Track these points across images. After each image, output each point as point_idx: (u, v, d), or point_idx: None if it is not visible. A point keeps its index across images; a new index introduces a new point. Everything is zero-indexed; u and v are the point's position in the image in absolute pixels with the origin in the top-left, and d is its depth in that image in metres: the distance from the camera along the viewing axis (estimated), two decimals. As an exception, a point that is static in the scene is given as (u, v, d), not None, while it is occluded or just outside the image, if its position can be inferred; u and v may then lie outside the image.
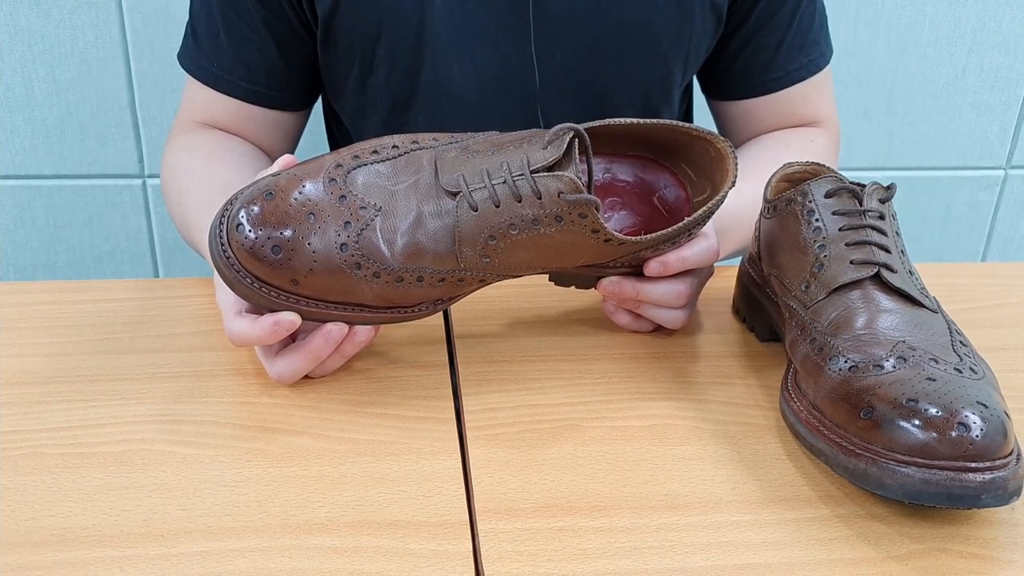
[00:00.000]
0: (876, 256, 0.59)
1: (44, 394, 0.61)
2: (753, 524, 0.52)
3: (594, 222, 0.58)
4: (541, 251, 0.59)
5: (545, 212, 0.57)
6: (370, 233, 0.57)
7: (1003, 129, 1.45)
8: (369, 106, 0.88)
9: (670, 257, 0.64)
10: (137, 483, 0.53)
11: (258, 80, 0.86)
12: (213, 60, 0.86)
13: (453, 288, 0.60)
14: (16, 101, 1.29)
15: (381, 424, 0.59)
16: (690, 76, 0.92)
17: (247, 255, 0.56)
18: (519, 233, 0.58)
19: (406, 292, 0.59)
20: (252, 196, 0.57)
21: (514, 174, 0.57)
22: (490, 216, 0.57)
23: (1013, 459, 0.50)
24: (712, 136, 0.64)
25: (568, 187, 0.56)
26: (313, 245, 0.56)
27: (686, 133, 0.64)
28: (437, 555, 0.49)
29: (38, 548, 0.48)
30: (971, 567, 0.49)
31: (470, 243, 0.58)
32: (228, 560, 0.48)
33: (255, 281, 0.57)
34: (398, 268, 0.58)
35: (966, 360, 0.54)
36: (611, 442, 0.58)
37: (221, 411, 0.60)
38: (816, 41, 0.91)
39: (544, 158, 0.57)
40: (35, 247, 1.38)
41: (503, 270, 0.60)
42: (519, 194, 0.57)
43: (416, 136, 0.61)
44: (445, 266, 0.58)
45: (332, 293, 0.58)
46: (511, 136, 0.60)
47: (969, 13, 1.36)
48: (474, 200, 0.57)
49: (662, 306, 0.67)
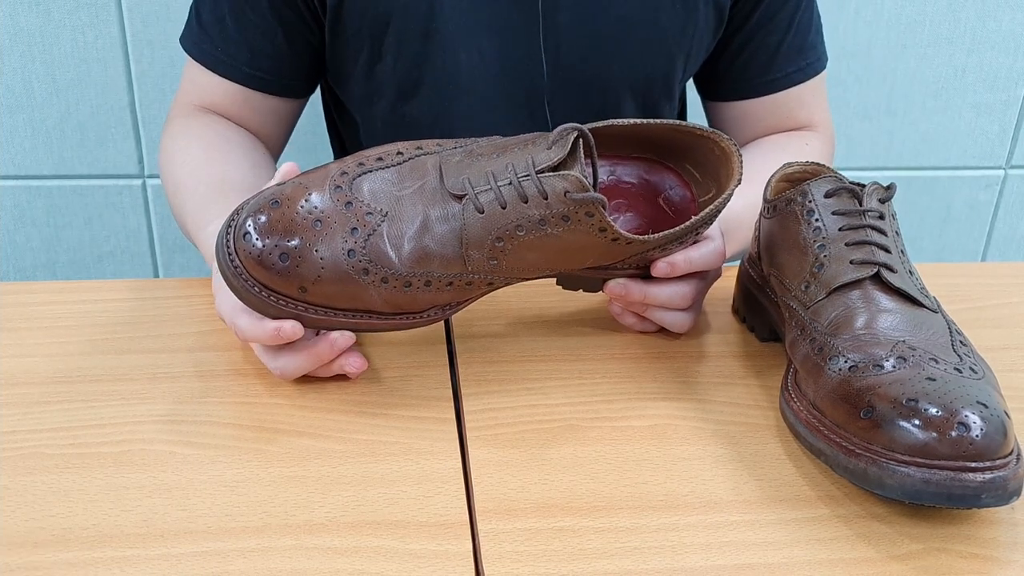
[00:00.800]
0: (876, 256, 0.59)
1: (44, 394, 0.61)
2: (753, 524, 0.52)
3: (601, 220, 0.58)
4: (548, 252, 0.59)
5: (552, 212, 0.57)
6: (377, 239, 0.57)
7: (1003, 129, 1.45)
8: (376, 93, 0.88)
9: (677, 258, 0.64)
10: (137, 483, 0.53)
11: (261, 65, 0.86)
12: (217, 44, 0.86)
13: (461, 292, 0.60)
14: (16, 101, 1.29)
15: (381, 424, 0.59)
16: (691, 73, 0.92)
17: (255, 264, 0.56)
18: (526, 234, 0.57)
19: (414, 297, 0.59)
20: (258, 205, 0.57)
21: (520, 175, 0.57)
22: (497, 218, 0.57)
23: (1013, 459, 0.50)
24: (716, 135, 0.64)
25: (574, 186, 0.56)
26: (320, 252, 0.56)
27: (689, 132, 0.64)
28: (437, 555, 0.49)
29: (38, 548, 0.48)
30: (971, 567, 0.49)
31: (477, 246, 0.57)
32: (228, 560, 0.48)
33: (263, 290, 0.57)
34: (406, 272, 0.57)
35: (966, 360, 0.54)
36: (611, 442, 0.58)
37: (221, 411, 0.60)
38: (814, 45, 0.92)
39: (549, 158, 0.57)
40: (35, 247, 1.38)
41: (511, 272, 0.60)
42: (525, 195, 0.56)
43: (420, 143, 0.61)
44: (453, 270, 0.58)
45: (340, 300, 0.58)
46: (515, 139, 0.60)
47: (969, 13, 1.36)
48: (480, 202, 0.57)
49: (668, 308, 0.67)
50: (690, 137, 0.65)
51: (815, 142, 0.93)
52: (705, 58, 0.91)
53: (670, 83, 0.89)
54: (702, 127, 0.64)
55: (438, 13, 0.82)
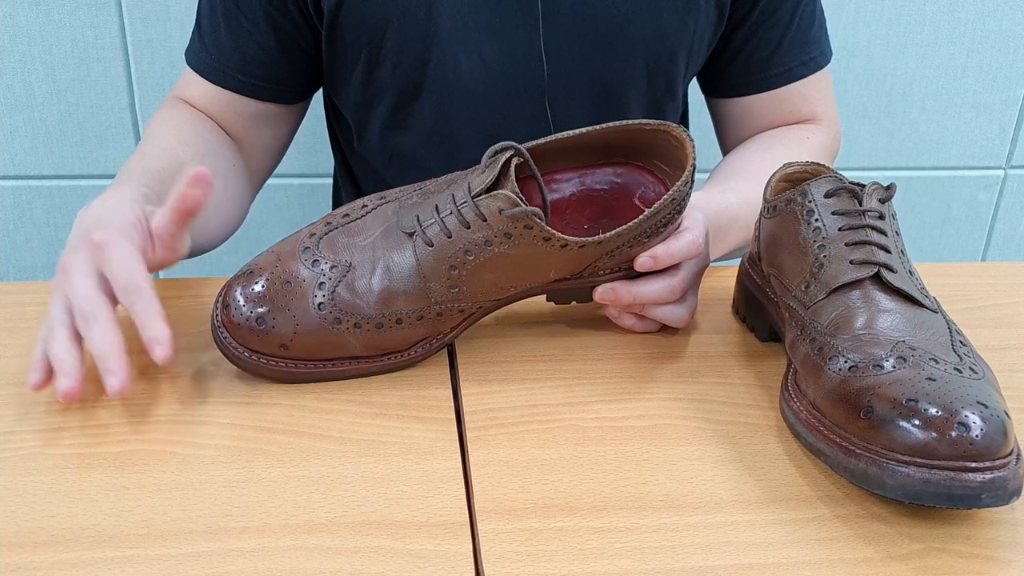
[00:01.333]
0: (876, 256, 0.59)
1: (44, 394, 0.61)
2: (753, 524, 0.52)
3: (542, 231, 0.59)
4: (505, 271, 0.61)
5: (494, 232, 0.59)
6: (343, 288, 0.60)
7: (1003, 129, 1.45)
8: (374, 98, 0.88)
9: (659, 250, 0.65)
10: (137, 484, 0.53)
11: (254, 72, 0.86)
12: (211, 53, 0.86)
13: (435, 325, 0.63)
14: (16, 101, 1.29)
15: (381, 424, 0.59)
16: (693, 70, 0.92)
17: (237, 330, 0.61)
18: (475, 258, 0.60)
19: (389, 337, 0.62)
20: (236, 279, 0.62)
21: (459, 203, 0.60)
22: (445, 247, 0.60)
23: (1013, 459, 0.50)
24: (665, 125, 0.65)
25: (506, 203, 0.59)
26: (292, 311, 0.60)
27: (639, 129, 0.65)
28: (437, 555, 0.49)
29: (38, 548, 0.48)
30: (971, 567, 0.49)
31: (435, 277, 0.60)
32: (228, 561, 0.48)
33: (252, 353, 0.61)
34: (375, 315, 0.61)
35: (966, 360, 0.54)
36: (611, 442, 0.58)
37: (221, 411, 0.60)
38: (817, 39, 0.92)
39: (483, 181, 0.60)
40: (35, 247, 1.38)
41: (475, 297, 0.62)
42: (467, 221, 0.59)
43: (384, 193, 0.65)
44: (418, 304, 0.61)
45: (322, 351, 0.61)
46: (463, 172, 0.63)
47: (969, 13, 1.36)
48: (428, 236, 0.60)
49: (660, 303, 0.67)
50: (643, 133, 0.66)
51: (816, 135, 0.93)
52: (707, 55, 0.91)
53: (673, 81, 0.89)
54: (651, 121, 0.65)
55: (436, 16, 0.82)
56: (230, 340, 0.61)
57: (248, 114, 0.88)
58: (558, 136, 0.64)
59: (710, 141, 1.01)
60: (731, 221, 0.77)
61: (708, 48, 0.90)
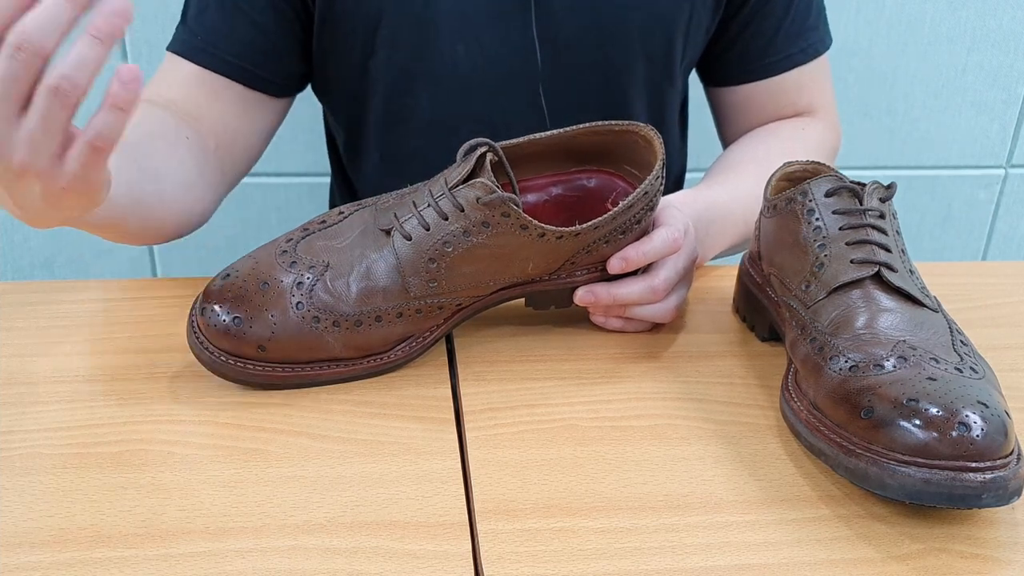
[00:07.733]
0: (876, 255, 0.59)
1: (43, 394, 0.61)
2: (753, 524, 0.52)
3: (519, 218, 0.60)
4: (484, 262, 0.61)
5: (471, 222, 0.60)
6: (320, 287, 0.60)
7: (1003, 128, 1.45)
8: (369, 89, 0.87)
9: (629, 252, 0.65)
10: (136, 483, 0.53)
11: (244, 54, 0.82)
12: (197, 34, 0.83)
13: (414, 323, 0.62)
14: (15, 101, 1.28)
15: (380, 424, 0.59)
16: (692, 57, 0.91)
17: (214, 333, 0.60)
18: (454, 249, 0.60)
19: (368, 335, 0.61)
20: (213, 281, 0.61)
21: (436, 196, 0.60)
22: (423, 240, 0.60)
23: (1014, 459, 0.50)
24: (633, 125, 0.65)
25: (483, 191, 0.59)
26: (270, 311, 0.60)
27: (609, 130, 0.66)
28: (437, 555, 0.49)
29: (37, 548, 0.48)
30: (971, 567, 0.49)
31: (413, 272, 0.60)
32: (227, 560, 0.48)
33: (229, 357, 0.60)
34: (354, 313, 0.60)
35: (966, 359, 0.54)
36: (611, 442, 0.58)
37: (220, 411, 0.60)
38: (814, 27, 0.92)
39: (460, 174, 0.60)
40: (35, 247, 1.38)
41: (455, 291, 0.62)
42: (444, 212, 0.60)
43: (362, 201, 0.65)
44: (396, 300, 0.61)
45: (300, 352, 0.61)
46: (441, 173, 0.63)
47: (969, 12, 1.36)
48: (405, 230, 0.60)
49: (641, 304, 0.67)
50: (612, 135, 0.66)
51: (812, 127, 0.92)
52: (706, 42, 0.91)
53: (671, 67, 0.89)
54: (619, 122, 0.65)
55: (432, 2, 0.81)
56: (206, 343, 0.60)
57: (230, 99, 0.84)
58: (530, 138, 0.65)
59: (710, 141, 1.01)
60: (723, 215, 0.77)
61: (706, 34, 0.90)
